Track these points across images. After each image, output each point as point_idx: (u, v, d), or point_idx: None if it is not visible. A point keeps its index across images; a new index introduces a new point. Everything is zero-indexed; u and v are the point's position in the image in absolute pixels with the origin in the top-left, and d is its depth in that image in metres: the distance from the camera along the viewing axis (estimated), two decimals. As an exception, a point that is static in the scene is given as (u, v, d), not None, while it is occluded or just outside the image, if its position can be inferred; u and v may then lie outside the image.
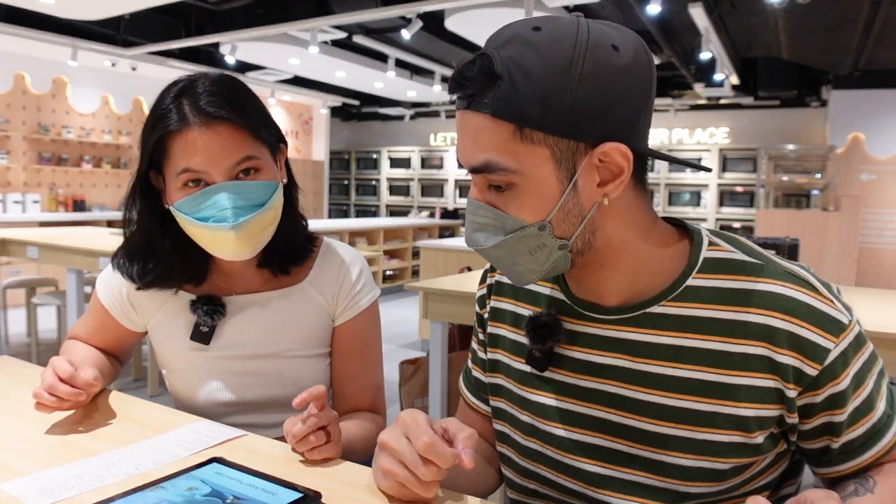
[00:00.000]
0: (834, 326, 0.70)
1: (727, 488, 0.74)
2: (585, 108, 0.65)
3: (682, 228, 0.80)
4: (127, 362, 1.24)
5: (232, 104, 0.98)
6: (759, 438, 0.72)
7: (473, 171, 0.70)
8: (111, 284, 1.13)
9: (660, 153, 0.72)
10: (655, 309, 0.75)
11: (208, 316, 1.07)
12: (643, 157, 0.72)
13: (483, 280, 0.94)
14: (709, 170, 0.84)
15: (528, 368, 0.83)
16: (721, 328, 0.72)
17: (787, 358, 0.69)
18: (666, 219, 0.80)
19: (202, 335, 1.09)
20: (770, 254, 0.77)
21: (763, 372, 0.70)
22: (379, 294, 1.20)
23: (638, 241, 0.75)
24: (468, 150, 0.70)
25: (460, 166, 0.73)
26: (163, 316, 1.12)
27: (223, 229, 0.97)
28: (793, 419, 0.72)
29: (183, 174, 0.97)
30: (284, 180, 1.08)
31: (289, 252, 1.12)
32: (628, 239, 0.74)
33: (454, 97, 0.71)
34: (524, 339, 0.84)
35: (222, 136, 0.97)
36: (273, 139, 1.06)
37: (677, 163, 0.77)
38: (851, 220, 5.44)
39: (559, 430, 0.80)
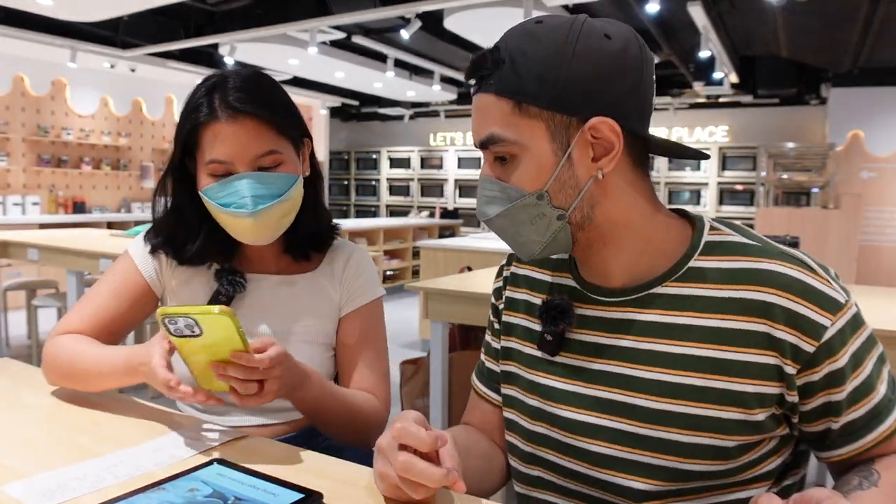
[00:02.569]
0: (831, 305, 0.72)
1: (729, 469, 0.75)
2: (575, 86, 0.72)
3: (684, 216, 0.84)
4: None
5: (258, 100, 1.05)
6: (760, 416, 0.73)
7: (481, 145, 0.77)
8: (142, 246, 1.16)
9: (656, 136, 0.77)
10: (659, 289, 0.78)
11: (231, 285, 1.11)
12: (641, 142, 0.77)
13: (500, 273, 0.98)
14: (707, 156, 0.86)
15: (538, 353, 0.86)
16: (722, 306, 0.75)
17: (784, 334, 0.72)
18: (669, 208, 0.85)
19: (219, 304, 1.09)
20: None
21: (762, 348, 0.73)
22: (383, 295, 1.24)
23: (640, 221, 0.79)
24: (477, 127, 0.78)
25: (476, 146, 0.80)
26: (188, 281, 1.15)
27: (242, 216, 1.03)
28: (793, 397, 0.73)
29: (210, 164, 1.04)
30: (307, 173, 1.14)
31: (312, 238, 1.18)
32: (630, 218, 0.78)
33: (471, 84, 0.78)
34: (536, 326, 0.87)
35: (246, 130, 1.03)
36: (296, 134, 1.12)
37: (675, 153, 0.82)
38: (851, 217, 5.44)
39: (566, 412, 0.82)
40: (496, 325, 0.96)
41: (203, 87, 1.06)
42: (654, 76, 0.78)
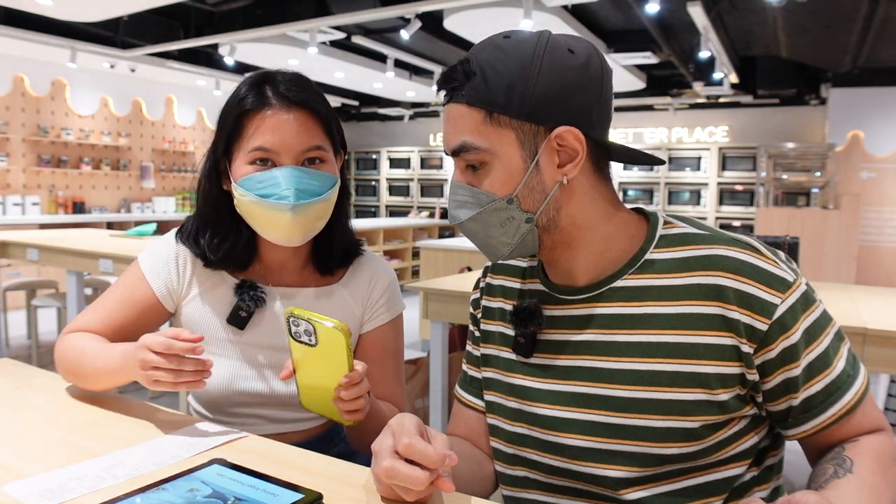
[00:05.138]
0: (779, 283, 0.76)
1: (700, 451, 0.77)
2: (543, 97, 0.76)
3: (641, 213, 0.88)
4: None
5: (310, 94, 1.06)
6: (724, 396, 0.76)
7: (453, 153, 0.81)
8: (160, 255, 1.12)
9: (616, 143, 0.82)
10: (618, 283, 0.83)
11: (252, 301, 1.08)
12: (601, 149, 0.82)
13: (477, 286, 1.02)
14: (662, 161, 0.88)
15: (514, 357, 0.90)
16: (678, 293, 0.79)
17: (737, 314, 0.75)
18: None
19: (239, 319, 1.09)
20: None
21: (719, 330, 0.76)
22: (403, 308, 1.23)
23: (601, 222, 0.83)
24: (449, 136, 0.81)
25: (447, 154, 0.83)
26: (204, 293, 1.12)
27: (282, 209, 1.01)
28: (753, 376, 0.76)
29: (254, 152, 1.02)
30: (339, 183, 1.12)
31: (339, 252, 1.16)
32: (591, 219, 0.83)
33: (441, 95, 0.82)
34: (511, 331, 0.90)
35: (298, 121, 1.03)
36: (338, 141, 1.11)
37: (633, 158, 0.86)
38: (851, 218, 5.44)
39: (543, 410, 0.85)
40: (476, 334, 0.99)
41: (248, 81, 1.06)
42: (613, 88, 0.83)
